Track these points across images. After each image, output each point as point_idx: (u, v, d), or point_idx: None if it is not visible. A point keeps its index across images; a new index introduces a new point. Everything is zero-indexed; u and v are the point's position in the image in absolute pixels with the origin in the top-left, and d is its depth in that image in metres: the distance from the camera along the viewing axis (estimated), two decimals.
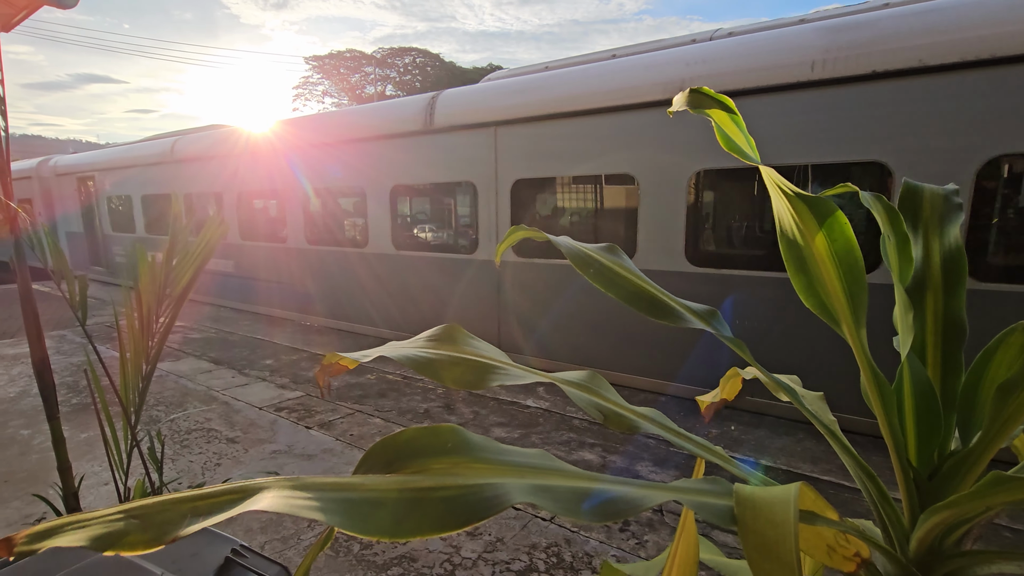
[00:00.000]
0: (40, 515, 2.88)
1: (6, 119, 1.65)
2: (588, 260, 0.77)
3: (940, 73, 3.32)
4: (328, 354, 0.85)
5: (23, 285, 1.78)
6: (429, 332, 0.82)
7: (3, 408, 4.49)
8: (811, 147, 3.82)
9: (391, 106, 6.88)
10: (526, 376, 0.70)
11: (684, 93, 0.69)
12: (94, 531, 0.38)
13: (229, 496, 0.42)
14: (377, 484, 0.45)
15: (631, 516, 0.43)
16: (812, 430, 4.01)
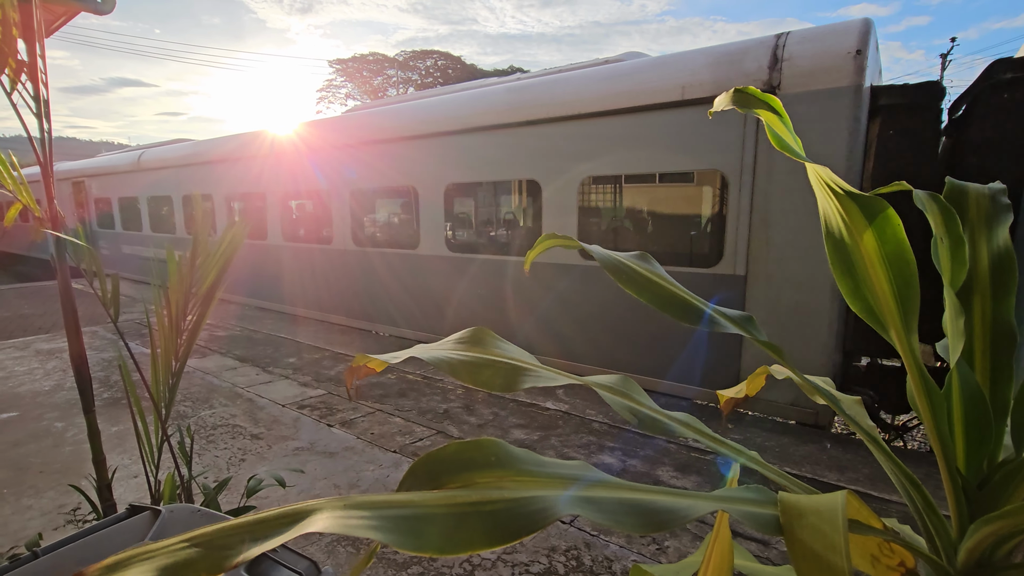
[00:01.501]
0: (75, 505, 2.97)
1: (49, 122, 1.71)
2: (619, 267, 0.76)
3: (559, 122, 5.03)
4: (357, 355, 0.86)
5: (63, 283, 1.84)
6: (458, 335, 0.82)
7: (39, 401, 4.64)
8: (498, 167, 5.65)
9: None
10: (556, 379, 0.70)
11: (729, 93, 0.68)
12: (161, 562, 0.39)
13: (284, 520, 0.43)
14: (426, 500, 0.45)
15: (677, 527, 0.42)
16: (838, 438, 3.91)
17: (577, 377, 0.73)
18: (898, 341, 0.63)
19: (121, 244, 12.83)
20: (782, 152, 0.66)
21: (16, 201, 1.86)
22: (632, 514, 0.44)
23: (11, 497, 3.11)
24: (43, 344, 6.64)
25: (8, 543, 2.64)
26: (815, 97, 3.82)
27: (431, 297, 6.32)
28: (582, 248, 0.82)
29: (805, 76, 3.88)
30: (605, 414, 4.32)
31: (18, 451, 3.70)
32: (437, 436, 3.93)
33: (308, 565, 1.05)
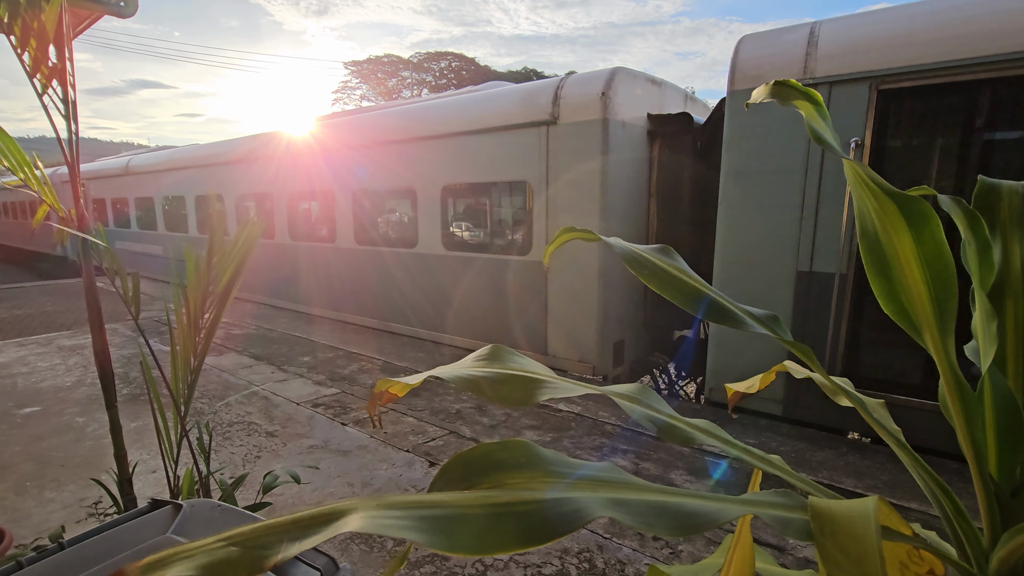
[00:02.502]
0: (95, 499, 3.03)
1: (77, 123, 1.75)
2: (641, 261, 0.76)
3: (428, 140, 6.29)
4: (380, 380, 0.87)
5: (88, 281, 1.87)
6: (476, 352, 0.84)
7: (60, 396, 4.74)
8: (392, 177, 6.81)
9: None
10: (574, 389, 0.70)
11: (768, 85, 0.67)
12: (202, 560, 0.40)
13: (320, 520, 0.43)
14: (458, 500, 0.46)
15: (707, 531, 0.42)
16: (856, 443, 3.86)
17: (594, 387, 0.73)
18: (932, 344, 0.62)
19: (113, 240, 14.55)
20: (821, 147, 0.66)
21: (41, 202, 1.90)
22: (663, 517, 0.44)
23: (34, 490, 3.18)
24: (65, 341, 6.77)
25: (31, 535, 2.70)
26: (579, 126, 5.06)
27: (355, 284, 7.68)
28: (602, 240, 0.82)
29: (573, 110, 5.10)
30: (618, 416, 4.30)
31: (41, 445, 3.78)
32: (450, 436, 3.95)
33: (327, 562, 1.06)
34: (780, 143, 4.02)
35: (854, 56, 3.69)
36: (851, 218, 3.73)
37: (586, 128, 4.99)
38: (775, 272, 4.07)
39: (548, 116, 5.20)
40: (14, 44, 1.73)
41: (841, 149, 0.67)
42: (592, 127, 4.95)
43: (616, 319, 5.38)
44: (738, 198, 4.21)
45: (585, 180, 5.09)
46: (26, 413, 4.36)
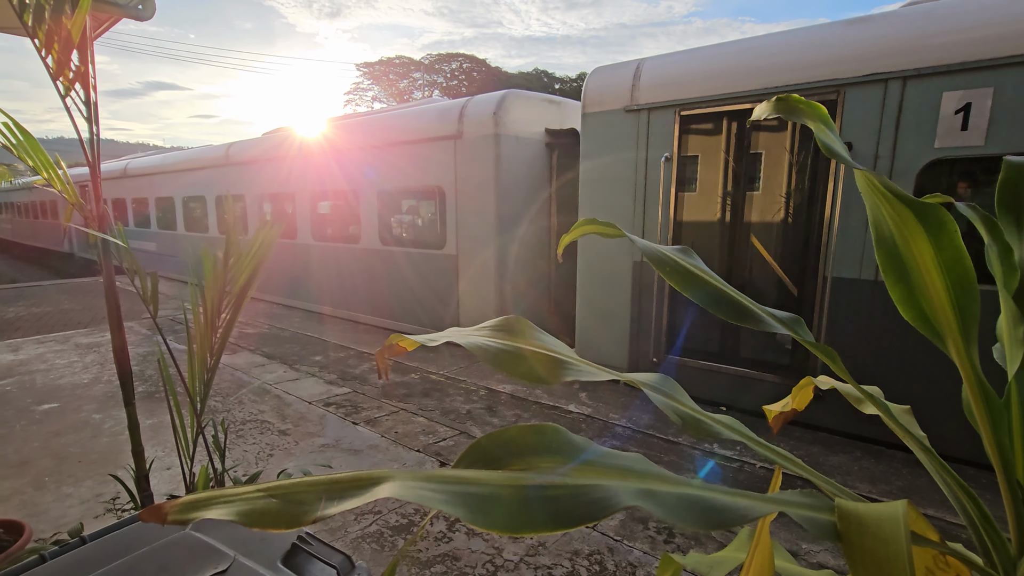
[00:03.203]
0: (114, 495, 3.07)
1: (98, 125, 1.78)
2: (664, 259, 0.76)
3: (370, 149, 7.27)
4: (393, 335, 0.86)
5: (108, 280, 1.90)
6: (493, 322, 0.82)
7: (78, 393, 4.82)
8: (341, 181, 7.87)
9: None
10: (597, 373, 0.69)
11: (772, 102, 0.67)
12: (240, 507, 0.40)
13: (358, 483, 0.44)
14: (492, 479, 0.46)
15: (736, 526, 0.42)
16: (870, 448, 3.81)
17: (617, 373, 0.73)
18: (955, 351, 0.61)
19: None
20: (831, 158, 0.65)
21: (56, 201, 1.94)
22: (692, 510, 0.44)
23: (52, 485, 3.23)
24: (82, 339, 6.88)
25: (50, 529, 2.74)
26: (478, 140, 5.97)
27: (316, 275, 8.64)
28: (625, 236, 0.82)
29: (474, 127, 6.01)
30: (628, 418, 4.28)
31: (59, 441, 3.84)
32: (460, 436, 3.95)
33: (342, 559, 1.07)
34: (618, 159, 4.88)
35: (664, 88, 4.55)
36: (665, 215, 4.60)
37: (483, 142, 5.95)
38: (619, 262, 4.96)
39: (455, 131, 6.17)
40: (38, 48, 1.76)
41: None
42: (487, 141, 5.90)
43: (517, 303, 6.30)
44: (591, 201, 5.11)
45: (484, 185, 5.99)
46: (45, 409, 4.44)
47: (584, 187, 5.13)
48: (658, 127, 4.57)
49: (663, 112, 4.53)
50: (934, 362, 3.56)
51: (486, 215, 6.00)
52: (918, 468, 3.48)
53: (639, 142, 4.70)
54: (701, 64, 4.46)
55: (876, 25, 3.75)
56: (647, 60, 4.76)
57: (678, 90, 4.46)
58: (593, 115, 5.00)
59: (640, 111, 4.67)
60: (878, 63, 3.63)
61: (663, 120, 4.54)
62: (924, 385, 3.59)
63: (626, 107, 4.73)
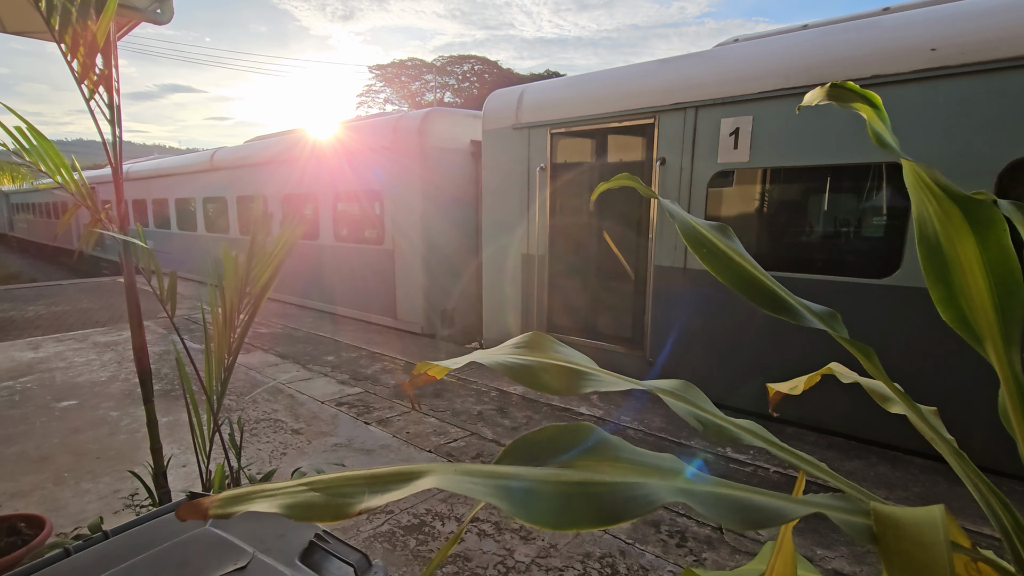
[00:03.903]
0: (131, 491, 3.12)
1: (120, 127, 1.81)
2: (701, 240, 0.76)
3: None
4: (419, 363, 0.88)
5: (128, 280, 1.94)
6: (516, 339, 0.84)
7: (96, 391, 4.90)
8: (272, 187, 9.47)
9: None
10: (618, 383, 0.70)
11: (824, 88, 0.67)
12: (284, 500, 0.41)
13: (400, 477, 0.44)
14: (533, 475, 0.47)
15: (772, 526, 0.42)
16: (885, 454, 3.76)
17: (637, 381, 0.73)
18: (995, 354, 0.60)
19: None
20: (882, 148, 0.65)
21: (78, 203, 1.98)
22: (731, 509, 0.45)
23: (71, 481, 3.29)
24: (100, 337, 7.00)
25: (69, 524, 2.79)
26: (407, 150, 6.95)
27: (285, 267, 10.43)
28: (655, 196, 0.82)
29: (403, 139, 7.01)
30: (640, 421, 4.27)
31: (77, 437, 3.91)
32: (471, 437, 3.96)
33: (359, 557, 1.08)
34: (509, 169, 5.80)
35: (539, 111, 5.51)
36: (543, 215, 5.52)
37: (410, 152, 6.91)
38: (512, 254, 5.91)
39: (391, 143, 7.19)
40: (64, 52, 1.80)
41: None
42: (413, 151, 6.88)
43: (443, 293, 7.19)
44: (491, 204, 6.09)
45: (411, 189, 6.92)
46: (64, 406, 4.52)
47: (486, 191, 6.15)
48: (536, 142, 5.56)
49: (539, 130, 5.51)
50: (734, 326, 4.41)
51: (414, 215, 6.97)
52: (935, 475, 3.43)
53: (523, 155, 5.67)
54: (563, 92, 5.46)
55: (680, 64, 4.70)
56: (528, 87, 5.78)
57: (548, 113, 5.43)
58: (491, 131, 5.99)
59: (523, 129, 5.66)
60: (680, 95, 4.51)
61: (539, 137, 5.51)
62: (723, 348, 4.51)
63: (513, 126, 5.73)
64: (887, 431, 3.78)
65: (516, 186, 5.73)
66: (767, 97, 4.04)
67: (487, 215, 6.16)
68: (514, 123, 5.69)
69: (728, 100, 4.21)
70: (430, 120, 6.92)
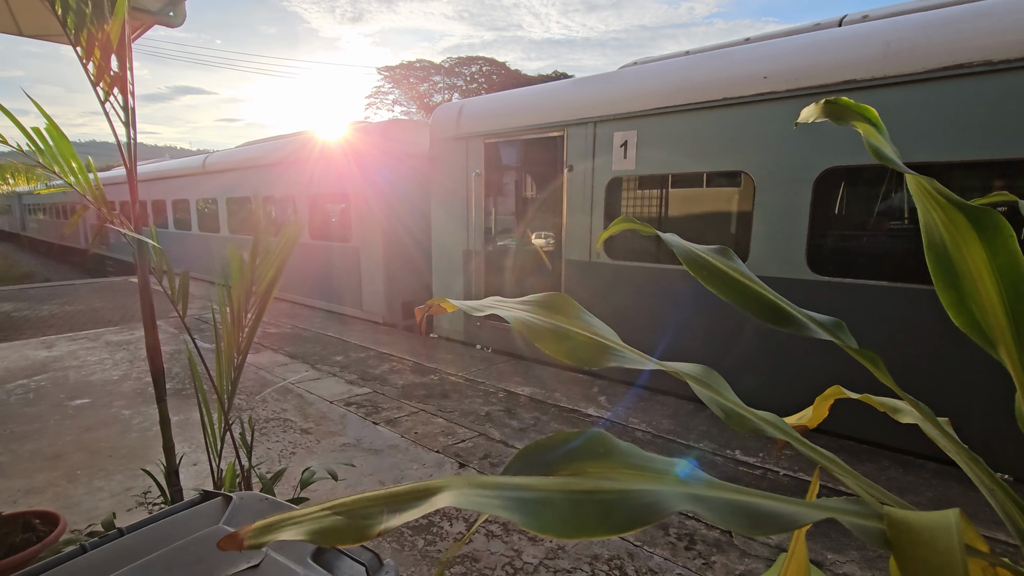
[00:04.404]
0: (143, 488, 3.15)
1: (135, 129, 1.84)
2: (700, 262, 0.76)
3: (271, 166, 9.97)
4: (434, 297, 0.88)
5: (142, 280, 1.96)
6: (536, 297, 0.82)
7: (108, 389, 4.95)
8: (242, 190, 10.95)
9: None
10: (642, 362, 0.70)
11: (820, 105, 0.67)
12: (310, 527, 0.42)
13: (416, 495, 0.45)
14: (543, 484, 0.47)
15: (785, 532, 0.42)
16: (897, 458, 3.72)
17: (659, 362, 0.73)
18: (1008, 358, 0.60)
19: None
20: (880, 161, 0.65)
21: (89, 203, 2.00)
22: (742, 515, 0.44)
23: (84, 478, 3.33)
24: (112, 336, 7.07)
25: (83, 520, 2.83)
26: (369, 157, 7.71)
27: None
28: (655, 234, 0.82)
29: (390, 145, 7.70)
30: (648, 423, 4.25)
31: (90, 435, 3.95)
32: (479, 438, 3.97)
33: (371, 557, 1.09)
34: (452, 174, 6.52)
35: (475, 123, 6.22)
36: (479, 216, 6.31)
37: (372, 158, 7.62)
38: (455, 251, 6.68)
39: (356, 150, 7.84)
40: (80, 54, 1.82)
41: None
42: (375, 157, 7.60)
43: (402, 286, 7.93)
44: (439, 207, 6.85)
45: (374, 192, 7.58)
46: (77, 405, 4.57)
47: (434, 195, 6.89)
48: (473, 151, 6.27)
49: (475, 140, 6.21)
50: (632, 306, 5.08)
51: (374, 216, 7.66)
52: (948, 479, 3.39)
53: (463, 162, 6.38)
54: (495, 107, 6.18)
55: (585, 85, 5.41)
56: (467, 102, 6.54)
57: (483, 125, 6.14)
58: (437, 141, 6.69)
59: (462, 139, 6.36)
60: (583, 112, 5.23)
61: (476, 146, 6.22)
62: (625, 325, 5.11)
63: (454, 136, 6.43)
64: (885, 433, 3.77)
65: (458, 190, 6.51)
66: (648, 115, 4.78)
67: (435, 215, 6.94)
68: (455, 134, 6.42)
69: (619, 117, 4.97)
70: (390, 129, 7.91)
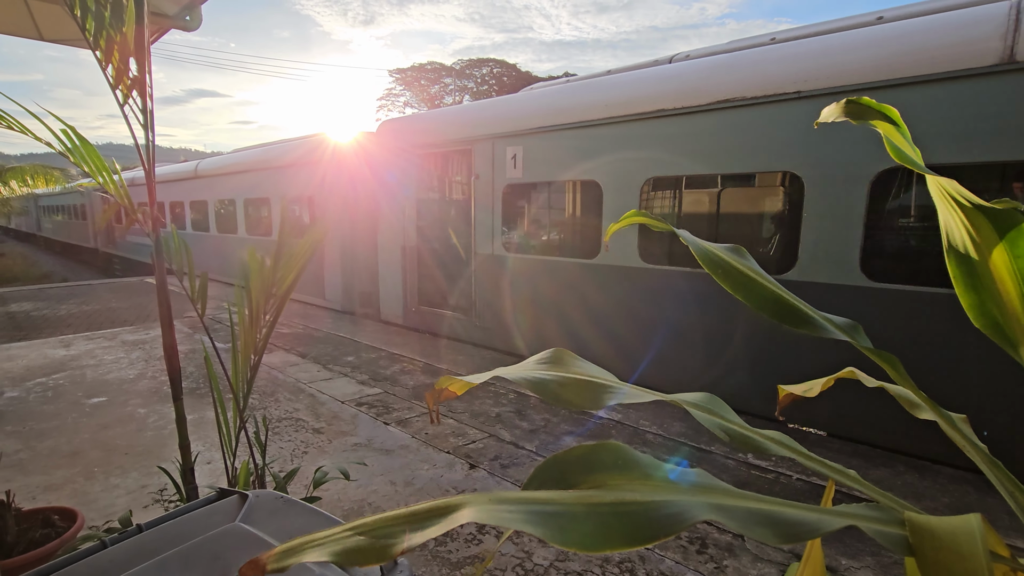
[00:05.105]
0: (159, 486, 3.19)
1: (153, 131, 1.87)
2: (717, 261, 0.76)
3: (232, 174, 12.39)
4: (442, 378, 0.90)
5: (160, 279, 1.99)
6: (538, 356, 0.85)
7: (124, 388, 5.02)
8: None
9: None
10: (641, 396, 0.70)
11: (840, 104, 0.67)
12: (333, 548, 0.43)
13: (436, 512, 0.46)
14: (565, 499, 0.47)
15: (808, 540, 0.42)
16: (912, 462, 3.67)
17: (662, 395, 0.73)
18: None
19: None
20: (901, 162, 0.64)
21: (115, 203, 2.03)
22: (764, 524, 0.44)
23: (100, 476, 3.38)
24: (128, 336, 7.18)
25: (100, 517, 2.87)
26: (335, 164, 8.63)
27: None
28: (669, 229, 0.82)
29: (330, 155, 8.69)
30: (659, 425, 4.23)
31: (106, 433, 4.01)
32: (489, 439, 3.97)
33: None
34: (393, 182, 7.50)
35: (411, 136, 7.22)
36: (411, 215, 7.46)
37: (329, 166, 8.60)
38: (396, 247, 7.65)
39: (318, 159, 8.87)
40: (99, 58, 1.86)
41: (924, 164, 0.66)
42: (332, 165, 8.60)
43: (358, 278, 8.80)
44: (384, 210, 7.76)
45: (332, 194, 8.53)
46: (94, 403, 4.65)
47: (381, 200, 7.84)
48: (409, 161, 7.30)
49: (410, 152, 7.24)
50: (532, 292, 5.92)
51: (334, 215, 8.63)
52: (965, 484, 3.34)
53: (402, 170, 7.38)
54: (425, 124, 7.34)
55: (488, 106, 6.68)
56: (404, 118, 7.62)
57: (416, 138, 7.16)
58: (380, 152, 7.71)
59: (402, 151, 7.33)
60: (486, 130, 6.22)
61: (411, 156, 7.24)
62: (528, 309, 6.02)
63: (394, 148, 7.42)
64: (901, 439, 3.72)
65: (401, 195, 7.49)
66: (531, 133, 5.74)
67: (382, 216, 7.93)
68: (395, 145, 7.44)
69: (510, 134, 5.94)
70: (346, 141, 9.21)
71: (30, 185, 15.60)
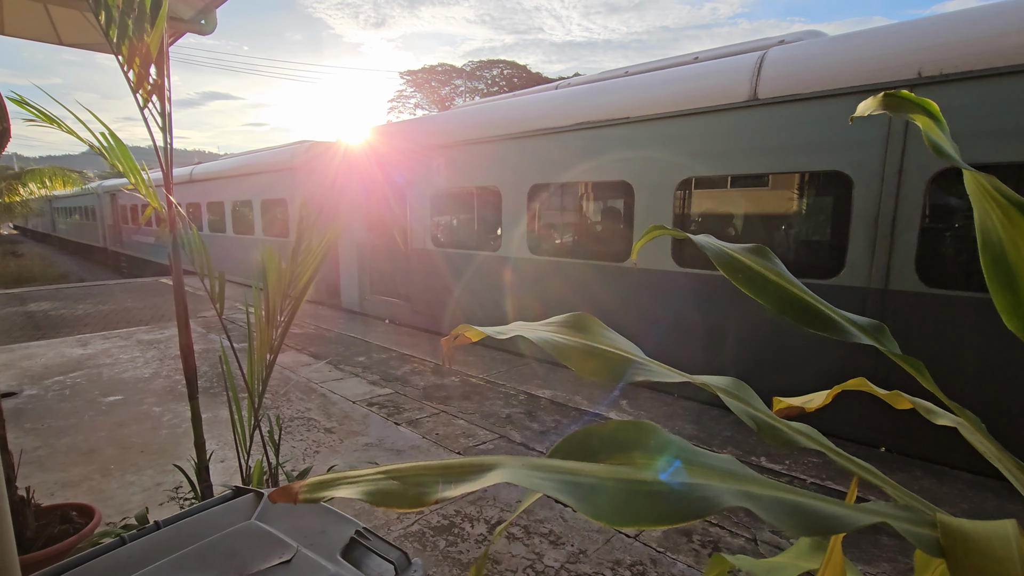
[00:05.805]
0: (173, 484, 3.23)
1: (171, 134, 1.89)
2: (736, 264, 0.75)
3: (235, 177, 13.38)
4: (460, 325, 0.88)
5: (177, 280, 2.02)
6: (561, 318, 0.83)
7: (140, 387, 5.09)
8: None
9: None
10: (667, 375, 0.69)
11: (879, 98, 0.66)
12: (366, 487, 0.43)
13: (472, 468, 0.46)
14: (595, 471, 0.47)
15: (835, 534, 0.42)
16: (929, 467, 3.61)
17: (688, 375, 0.72)
18: None
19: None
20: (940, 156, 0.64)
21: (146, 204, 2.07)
22: (793, 515, 0.44)
23: (116, 473, 3.43)
24: (144, 335, 7.28)
25: (116, 513, 2.91)
26: (307, 170, 9.84)
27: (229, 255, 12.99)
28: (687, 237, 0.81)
29: (303, 163, 9.89)
30: (672, 428, 4.20)
31: (122, 431, 4.07)
32: (500, 440, 3.97)
33: (399, 555, 1.10)
34: (352, 186, 8.52)
35: (380, 145, 7.98)
36: (362, 213, 8.64)
37: (307, 171, 9.80)
38: (353, 243, 8.67)
39: (292, 165, 10.07)
40: (121, 63, 1.89)
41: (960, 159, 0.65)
42: (303, 171, 9.83)
43: (326, 269, 9.43)
44: (344, 210, 8.48)
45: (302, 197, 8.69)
46: (110, 401, 4.71)
47: (342, 200, 8.70)
48: (363, 167, 8.23)
49: (361, 160, 8.22)
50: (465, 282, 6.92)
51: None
52: (984, 491, 3.28)
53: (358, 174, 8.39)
54: (383, 135, 8.05)
55: (426, 121, 8.03)
56: (377, 128, 8.34)
57: (381, 147, 7.90)
58: (342, 160, 8.80)
59: (362, 158, 8.27)
60: (420, 141, 7.26)
61: (364, 163, 8.18)
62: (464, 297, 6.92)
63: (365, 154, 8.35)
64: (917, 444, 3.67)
65: (356, 195, 8.50)
66: (452, 145, 6.84)
67: (344, 215, 8.40)
68: (361, 153, 8.37)
69: (438, 146, 7.02)
70: (314, 148, 10.02)
71: (48, 187, 15.86)
